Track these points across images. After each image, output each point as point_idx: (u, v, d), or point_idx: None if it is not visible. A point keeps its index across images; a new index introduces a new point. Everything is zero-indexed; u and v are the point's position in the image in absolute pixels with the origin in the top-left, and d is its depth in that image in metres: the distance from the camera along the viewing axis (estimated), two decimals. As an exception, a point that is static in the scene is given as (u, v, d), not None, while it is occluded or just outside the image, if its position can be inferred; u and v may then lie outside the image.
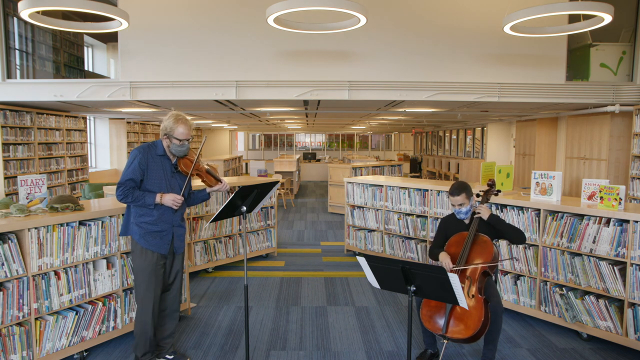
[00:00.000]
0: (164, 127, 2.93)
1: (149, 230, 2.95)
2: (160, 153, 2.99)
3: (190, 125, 2.96)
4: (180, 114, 2.96)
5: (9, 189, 7.10)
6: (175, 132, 2.89)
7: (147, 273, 2.96)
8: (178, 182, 3.06)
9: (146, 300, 2.98)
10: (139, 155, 2.90)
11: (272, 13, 3.94)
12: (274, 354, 3.36)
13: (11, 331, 2.77)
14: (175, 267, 3.16)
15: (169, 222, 3.00)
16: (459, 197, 3.13)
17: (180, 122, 2.90)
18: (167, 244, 3.02)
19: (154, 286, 2.99)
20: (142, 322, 3.00)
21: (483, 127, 13.15)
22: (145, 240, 2.95)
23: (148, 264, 2.96)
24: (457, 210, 3.19)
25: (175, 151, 2.97)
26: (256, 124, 16.41)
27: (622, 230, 3.32)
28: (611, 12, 3.96)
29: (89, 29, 4.87)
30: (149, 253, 2.95)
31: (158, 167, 2.97)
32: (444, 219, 3.41)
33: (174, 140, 2.92)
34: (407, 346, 2.43)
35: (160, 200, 2.91)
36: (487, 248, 2.97)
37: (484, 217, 3.06)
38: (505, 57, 6.44)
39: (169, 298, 3.17)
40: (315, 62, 6.44)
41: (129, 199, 2.86)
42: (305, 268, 5.53)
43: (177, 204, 2.95)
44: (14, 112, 7.18)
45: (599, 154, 7.38)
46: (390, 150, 23.93)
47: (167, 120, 2.92)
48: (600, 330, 3.48)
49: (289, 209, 10.25)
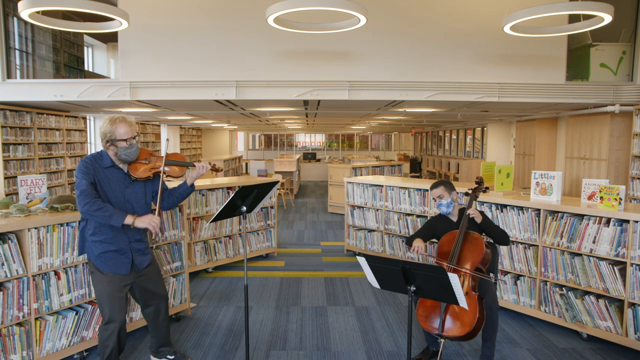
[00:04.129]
0: (103, 134, 2.65)
1: (104, 250, 2.68)
2: (107, 165, 2.68)
3: (131, 122, 2.69)
4: (115, 115, 2.70)
5: (9, 189, 7.10)
6: (117, 133, 2.63)
7: (106, 295, 2.67)
8: (135, 193, 2.77)
9: (111, 325, 2.68)
10: (82, 165, 2.61)
11: (272, 13, 3.94)
12: (274, 354, 3.36)
13: (11, 331, 2.77)
14: (148, 284, 2.90)
15: (125, 239, 2.73)
16: (437, 189, 3.26)
17: (118, 121, 2.65)
18: (127, 263, 2.75)
19: (118, 310, 2.69)
20: (105, 346, 2.71)
21: (483, 127, 13.15)
22: (102, 261, 2.68)
23: (107, 286, 2.68)
24: (438, 204, 3.27)
25: (125, 155, 2.67)
26: (256, 124, 16.40)
27: (622, 230, 3.32)
28: (611, 12, 3.95)
29: (89, 29, 4.87)
30: (110, 276, 2.69)
31: (107, 181, 2.67)
32: (432, 217, 3.46)
33: (119, 144, 2.64)
34: (407, 346, 2.43)
35: (132, 222, 2.59)
36: (478, 245, 3.00)
37: (477, 220, 3.08)
38: (505, 57, 6.44)
39: (153, 312, 2.98)
40: (315, 62, 6.44)
41: (94, 207, 2.50)
42: (305, 268, 5.53)
43: (155, 227, 2.63)
44: (14, 112, 7.18)
45: (599, 154, 7.38)
46: (390, 150, 23.93)
47: (104, 126, 2.65)
48: (600, 330, 3.48)
49: (289, 209, 10.25)
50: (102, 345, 2.74)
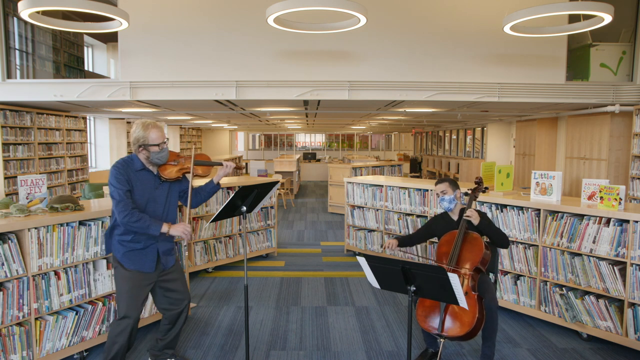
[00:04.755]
0: (136, 139, 2.73)
1: (131, 249, 2.75)
2: (138, 168, 2.77)
3: (162, 127, 2.80)
4: (146, 120, 2.77)
5: (9, 189, 7.10)
6: (150, 138, 2.71)
7: (126, 292, 2.75)
8: (164, 193, 2.86)
9: (125, 320, 2.75)
10: (116, 172, 2.70)
11: (272, 13, 3.94)
12: (274, 354, 3.36)
13: (11, 331, 2.77)
14: (174, 284, 2.95)
15: (152, 237, 2.78)
16: (441, 184, 3.28)
17: (151, 127, 2.73)
18: (152, 261, 2.81)
19: (135, 308, 2.77)
20: (115, 341, 2.76)
21: (483, 127, 13.15)
22: (128, 259, 2.75)
23: (128, 282, 2.75)
24: (440, 199, 3.28)
25: (157, 159, 2.77)
26: (256, 124, 16.41)
27: (622, 230, 3.32)
28: (611, 12, 3.95)
29: (89, 29, 4.87)
30: (133, 272, 2.76)
31: (139, 183, 2.76)
32: (435, 215, 3.47)
33: (152, 149, 2.73)
34: (407, 346, 2.43)
35: (167, 231, 2.71)
36: (477, 245, 3.00)
37: (474, 222, 3.06)
38: (505, 57, 6.44)
39: (176, 313, 3.00)
40: (315, 62, 6.44)
41: (133, 219, 2.63)
42: (305, 268, 5.53)
43: (187, 235, 2.75)
44: (14, 112, 7.18)
45: (599, 154, 7.38)
46: (390, 150, 23.93)
47: (136, 131, 2.73)
48: (600, 330, 3.48)
49: (289, 209, 10.25)
50: (110, 342, 2.77)
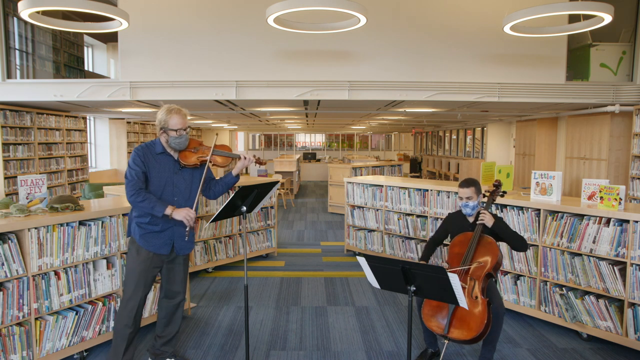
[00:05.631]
0: (159, 121, 2.85)
1: (148, 231, 2.84)
2: (159, 151, 2.87)
3: (185, 115, 2.87)
4: (172, 105, 2.87)
5: (9, 189, 7.10)
6: (170, 123, 2.80)
7: (137, 273, 2.84)
8: (184, 179, 2.92)
9: (131, 302, 2.84)
10: (135, 154, 2.81)
11: (272, 13, 3.94)
12: (274, 354, 3.36)
13: (11, 331, 2.77)
14: (177, 275, 3.03)
15: (169, 220, 2.83)
16: (467, 189, 3.13)
17: (173, 112, 2.82)
18: (168, 244, 2.89)
19: (143, 288, 2.86)
20: (122, 325, 2.85)
21: (483, 127, 13.15)
22: (145, 241, 2.84)
23: (141, 264, 2.84)
24: (464, 204, 3.17)
25: (175, 144, 2.85)
26: (256, 124, 16.41)
27: (622, 230, 3.32)
28: (611, 12, 3.96)
29: (89, 29, 4.88)
30: (144, 252, 2.84)
31: (158, 166, 2.85)
32: (450, 214, 3.41)
33: (170, 133, 2.82)
34: (407, 346, 2.43)
35: (171, 213, 2.74)
36: (492, 249, 2.94)
37: (487, 224, 3.01)
38: (505, 57, 6.44)
39: (173, 305, 3.06)
40: (315, 62, 6.45)
41: (139, 198, 2.71)
42: (305, 268, 5.53)
43: (190, 221, 2.79)
44: (14, 112, 7.18)
45: (599, 154, 7.38)
46: (390, 150, 23.95)
47: (161, 113, 2.84)
48: (600, 330, 3.48)
49: (289, 209, 10.25)
50: (120, 325, 2.85)
